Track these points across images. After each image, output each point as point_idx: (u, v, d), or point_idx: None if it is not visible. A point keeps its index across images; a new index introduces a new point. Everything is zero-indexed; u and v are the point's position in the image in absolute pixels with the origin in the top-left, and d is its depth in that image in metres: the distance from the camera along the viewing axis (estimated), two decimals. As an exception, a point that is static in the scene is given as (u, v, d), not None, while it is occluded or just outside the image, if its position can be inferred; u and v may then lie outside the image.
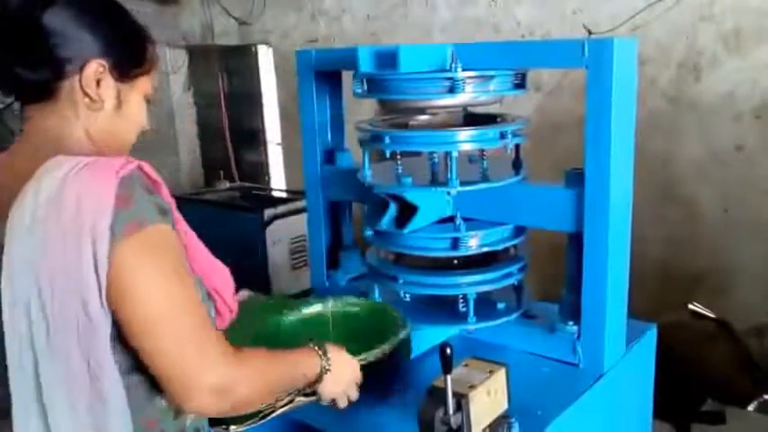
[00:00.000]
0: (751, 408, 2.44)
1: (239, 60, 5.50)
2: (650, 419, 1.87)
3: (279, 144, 5.40)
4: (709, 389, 2.48)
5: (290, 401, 1.26)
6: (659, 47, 3.25)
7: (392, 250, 1.72)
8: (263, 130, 5.57)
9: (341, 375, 1.27)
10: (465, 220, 1.65)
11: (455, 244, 1.63)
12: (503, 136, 1.58)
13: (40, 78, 1.03)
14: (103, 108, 1.07)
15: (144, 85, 1.13)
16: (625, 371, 1.63)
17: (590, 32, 3.39)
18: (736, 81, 3.10)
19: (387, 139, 1.59)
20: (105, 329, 0.95)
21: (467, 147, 1.57)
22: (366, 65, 1.55)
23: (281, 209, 4.10)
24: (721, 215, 3.22)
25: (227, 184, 4.94)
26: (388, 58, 1.51)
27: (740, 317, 3.04)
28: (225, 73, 5.60)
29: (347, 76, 1.78)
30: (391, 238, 1.69)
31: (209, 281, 1.12)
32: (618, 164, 1.48)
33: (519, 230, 1.71)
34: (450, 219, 1.67)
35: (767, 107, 3.04)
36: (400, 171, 1.65)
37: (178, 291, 0.98)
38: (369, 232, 1.73)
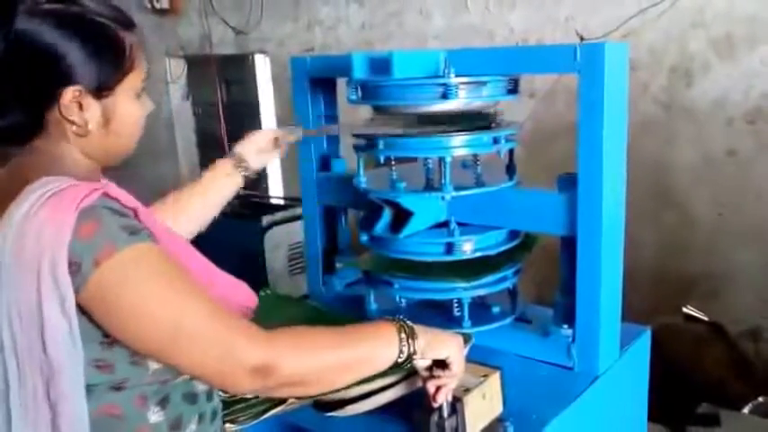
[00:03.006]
0: (745, 410, 2.45)
1: (237, 69, 5.52)
2: (645, 422, 1.87)
3: (276, 152, 5.41)
4: (704, 391, 2.49)
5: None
6: (651, 53, 3.28)
7: (387, 255, 1.72)
8: (260, 139, 5.58)
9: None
10: (459, 224, 1.66)
11: (450, 249, 1.64)
12: (496, 141, 1.60)
13: (15, 123, 0.99)
14: (89, 131, 1.02)
15: (131, 84, 1.05)
16: (620, 374, 1.64)
17: (582, 38, 3.41)
18: (728, 86, 3.12)
19: (380, 145, 1.60)
20: (70, 368, 0.93)
21: (460, 152, 1.58)
22: (360, 71, 1.56)
23: (279, 216, 4.11)
24: (715, 219, 3.24)
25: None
26: (381, 65, 1.52)
27: (734, 320, 3.06)
28: (223, 82, 5.62)
29: (342, 83, 1.79)
30: (386, 243, 1.70)
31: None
32: (610, 168, 1.49)
33: (513, 235, 1.72)
34: (445, 223, 1.68)
35: (759, 112, 3.07)
36: (394, 177, 1.66)
37: (179, 297, 0.96)
38: (364, 237, 1.74)
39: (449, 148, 1.56)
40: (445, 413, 1.27)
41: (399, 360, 1.14)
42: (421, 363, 1.21)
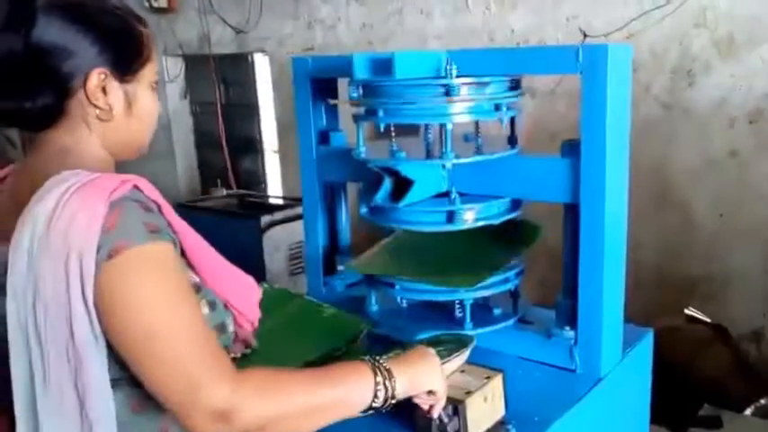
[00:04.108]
0: (748, 412, 2.44)
1: (236, 68, 5.52)
2: (647, 424, 1.86)
3: (275, 151, 5.41)
4: (706, 393, 2.49)
5: None
6: (653, 53, 3.27)
7: (387, 225, 1.71)
8: (259, 138, 5.58)
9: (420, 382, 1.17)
10: (461, 194, 1.64)
11: (451, 217, 1.62)
12: (497, 108, 1.58)
13: (44, 105, 1.00)
14: (114, 115, 1.05)
15: (148, 74, 1.10)
16: (622, 376, 1.63)
17: (585, 35, 3.40)
18: (730, 87, 3.12)
19: (380, 113, 1.58)
20: (95, 358, 0.93)
21: (461, 119, 1.56)
22: (362, 72, 1.55)
23: (278, 215, 4.10)
24: (716, 220, 3.23)
25: (225, 192, 4.95)
26: (383, 66, 1.50)
27: (736, 321, 3.05)
28: (222, 81, 5.62)
29: (342, 83, 1.78)
30: (386, 213, 1.68)
31: (221, 293, 1.09)
32: (613, 169, 1.49)
33: (515, 205, 1.70)
34: (446, 194, 1.66)
35: (760, 112, 3.06)
36: (395, 147, 1.64)
37: (169, 310, 0.94)
38: (364, 210, 1.73)
39: (449, 114, 1.54)
40: (446, 416, 1.26)
41: (375, 405, 1.10)
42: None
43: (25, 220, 0.93)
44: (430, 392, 1.21)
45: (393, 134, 1.65)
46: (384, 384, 1.11)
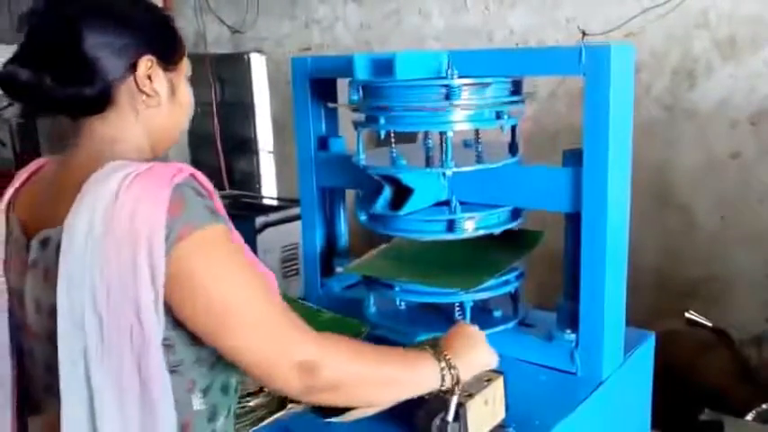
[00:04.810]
0: (749, 417, 2.43)
1: (232, 68, 5.49)
2: (648, 429, 1.85)
3: (270, 152, 5.39)
4: (707, 398, 2.47)
5: None
6: (654, 54, 3.26)
7: (386, 233, 1.70)
8: (254, 138, 5.55)
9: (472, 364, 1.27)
10: (461, 203, 1.64)
11: (451, 226, 1.62)
12: (498, 116, 1.57)
13: (98, 91, 1.04)
14: (161, 102, 1.10)
15: (185, 67, 1.17)
16: (623, 379, 1.62)
17: (584, 34, 3.38)
18: (732, 88, 3.10)
19: (381, 120, 1.57)
20: (158, 336, 0.96)
21: (462, 127, 1.55)
22: (362, 73, 1.54)
23: (272, 217, 4.08)
24: (718, 223, 3.22)
25: (219, 192, 4.92)
26: (384, 66, 1.49)
27: (737, 325, 3.04)
28: (217, 81, 5.59)
29: (341, 85, 1.77)
30: (386, 221, 1.68)
31: None
32: (615, 177, 1.48)
33: (516, 213, 1.69)
34: (446, 203, 1.66)
35: (763, 114, 3.05)
36: (395, 154, 1.63)
37: (245, 280, 1.00)
38: (363, 217, 1.72)
39: (450, 122, 1.53)
40: (448, 418, 1.25)
41: (442, 389, 1.19)
42: None
43: (82, 204, 0.95)
44: None
45: (393, 141, 1.64)
46: (449, 372, 1.20)
